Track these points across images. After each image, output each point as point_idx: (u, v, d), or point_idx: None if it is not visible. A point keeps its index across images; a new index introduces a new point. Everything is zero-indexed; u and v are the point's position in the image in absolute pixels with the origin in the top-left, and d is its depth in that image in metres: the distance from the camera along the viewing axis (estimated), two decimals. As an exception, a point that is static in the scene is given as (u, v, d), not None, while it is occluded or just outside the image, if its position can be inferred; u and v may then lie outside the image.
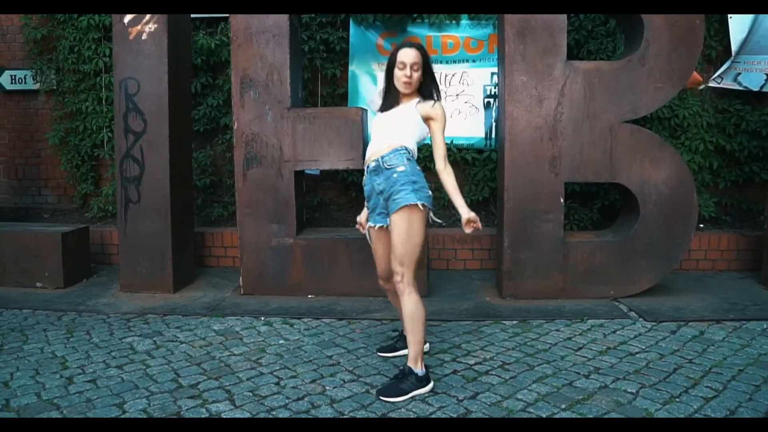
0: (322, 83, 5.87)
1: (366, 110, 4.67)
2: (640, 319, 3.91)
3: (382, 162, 2.94)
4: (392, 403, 2.75)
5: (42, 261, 4.66)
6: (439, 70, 5.79)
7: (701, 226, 5.38)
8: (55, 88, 6.14)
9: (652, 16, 4.11)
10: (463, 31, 5.72)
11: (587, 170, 4.29)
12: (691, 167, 5.26)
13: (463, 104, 5.79)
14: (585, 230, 5.37)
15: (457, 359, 3.29)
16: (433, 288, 4.61)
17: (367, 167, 3.03)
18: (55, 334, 3.68)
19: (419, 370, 2.86)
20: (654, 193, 4.25)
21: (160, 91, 4.42)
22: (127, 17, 4.39)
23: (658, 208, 4.27)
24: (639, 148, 4.24)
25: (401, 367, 2.94)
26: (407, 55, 2.93)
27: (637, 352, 3.36)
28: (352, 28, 5.74)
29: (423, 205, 2.86)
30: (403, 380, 2.84)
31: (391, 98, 3.07)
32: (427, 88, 3.03)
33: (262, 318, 3.99)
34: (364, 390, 2.90)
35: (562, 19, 4.19)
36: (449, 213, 5.51)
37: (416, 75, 2.96)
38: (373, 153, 3.00)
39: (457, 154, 5.66)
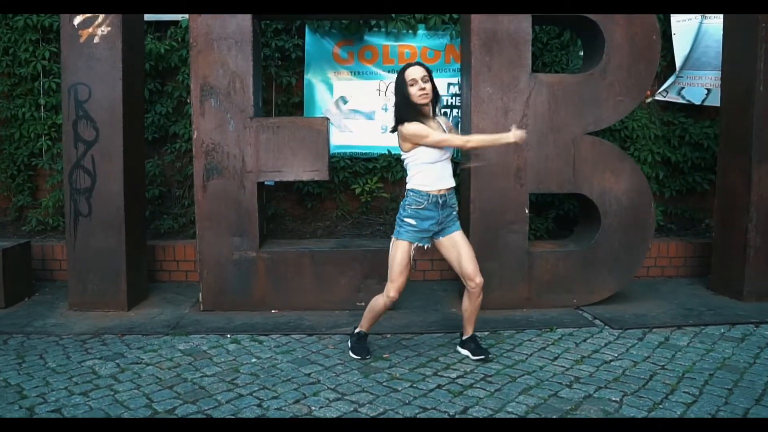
0: (276, 91, 5.74)
1: (329, 120, 4.59)
2: (607, 327, 3.99)
3: (449, 200, 3.33)
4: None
5: (-21, 279, 4.31)
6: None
7: (650, 234, 5.58)
8: (-13, 92, 5.74)
9: (613, 30, 4.23)
10: (420, 41, 5.73)
11: (551, 181, 4.36)
12: (641, 177, 5.45)
13: (419, 114, 5.78)
14: (541, 240, 5.46)
15: (438, 373, 3.25)
16: (398, 300, 4.54)
17: (436, 199, 3.28)
18: (4, 360, 3.39)
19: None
20: (615, 203, 4.36)
21: (113, 97, 4.18)
22: (78, 19, 4.14)
23: (619, 219, 4.38)
24: (600, 159, 4.34)
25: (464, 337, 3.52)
26: (415, 72, 3.22)
27: (611, 360, 3.42)
28: (308, 36, 5.64)
29: None
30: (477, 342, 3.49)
31: (416, 114, 3.25)
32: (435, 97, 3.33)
33: (229, 335, 3.83)
34: (351, 409, 2.81)
35: (527, 31, 4.25)
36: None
37: (428, 86, 3.23)
38: (441, 186, 3.30)
39: (415, 164, 5.64)
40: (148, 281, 4.83)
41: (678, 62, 5.73)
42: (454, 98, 5.71)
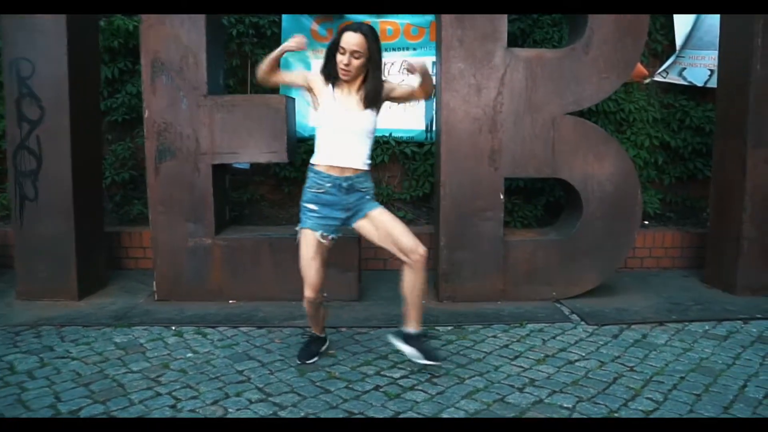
0: (252, 70, 5.47)
1: (292, 99, 4.34)
2: (582, 323, 3.67)
3: (356, 183, 2.87)
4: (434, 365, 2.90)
5: (-73, 266, 4.15)
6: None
7: (646, 223, 5.22)
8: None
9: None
10: (404, 17, 5.40)
11: (528, 165, 4.03)
12: (636, 163, 5.09)
13: (402, 95, 5.48)
14: (529, 228, 5.14)
15: (381, 372, 2.97)
16: (366, 291, 4.28)
17: (338, 182, 2.84)
18: (-75, 352, 3.21)
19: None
20: (598, 189, 4.03)
21: (59, 74, 3.94)
22: (20, -10, 3.91)
23: (603, 206, 4.04)
24: (582, 142, 4.00)
25: (409, 332, 2.95)
26: (350, 40, 2.70)
27: (576, 360, 3.11)
28: (284, 12, 5.36)
29: None
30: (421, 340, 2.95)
31: (334, 84, 2.87)
32: (370, 86, 2.80)
33: (173, 327, 3.60)
34: (271, 412, 2.56)
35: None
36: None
37: (356, 63, 2.74)
38: (344, 166, 2.84)
39: (396, 147, 5.36)
40: (111, 269, 4.64)
41: (679, 41, 5.32)
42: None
